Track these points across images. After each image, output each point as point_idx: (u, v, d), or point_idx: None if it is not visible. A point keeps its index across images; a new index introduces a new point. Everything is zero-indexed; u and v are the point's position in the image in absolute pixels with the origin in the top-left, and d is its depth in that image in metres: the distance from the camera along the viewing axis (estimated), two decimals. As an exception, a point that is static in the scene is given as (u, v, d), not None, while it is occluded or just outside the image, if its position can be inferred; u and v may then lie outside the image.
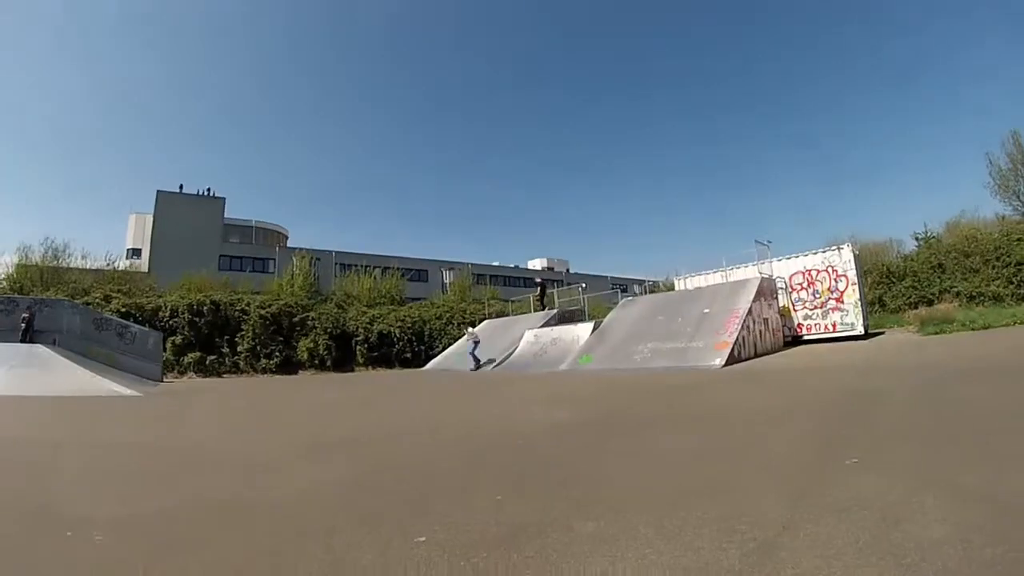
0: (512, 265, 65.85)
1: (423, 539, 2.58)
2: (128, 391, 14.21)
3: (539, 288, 27.22)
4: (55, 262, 30.13)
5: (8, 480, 4.23)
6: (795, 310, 18.16)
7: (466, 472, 4.25)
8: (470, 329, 22.39)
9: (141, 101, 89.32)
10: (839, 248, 17.68)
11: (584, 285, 28.02)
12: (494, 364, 20.06)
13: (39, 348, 16.92)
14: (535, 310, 26.10)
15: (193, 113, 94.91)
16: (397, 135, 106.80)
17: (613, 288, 35.39)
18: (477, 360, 20.17)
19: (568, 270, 66.31)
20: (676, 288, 22.44)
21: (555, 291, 27.56)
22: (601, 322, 19.44)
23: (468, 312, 31.84)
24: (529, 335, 21.37)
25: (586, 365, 16.27)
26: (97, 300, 25.41)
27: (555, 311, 23.81)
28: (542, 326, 21.79)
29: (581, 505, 3.06)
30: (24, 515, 3.17)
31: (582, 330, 19.43)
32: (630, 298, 22.02)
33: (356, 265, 42.15)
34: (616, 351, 16.35)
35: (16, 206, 75.17)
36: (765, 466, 3.74)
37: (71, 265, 30.83)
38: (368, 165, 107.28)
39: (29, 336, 18.38)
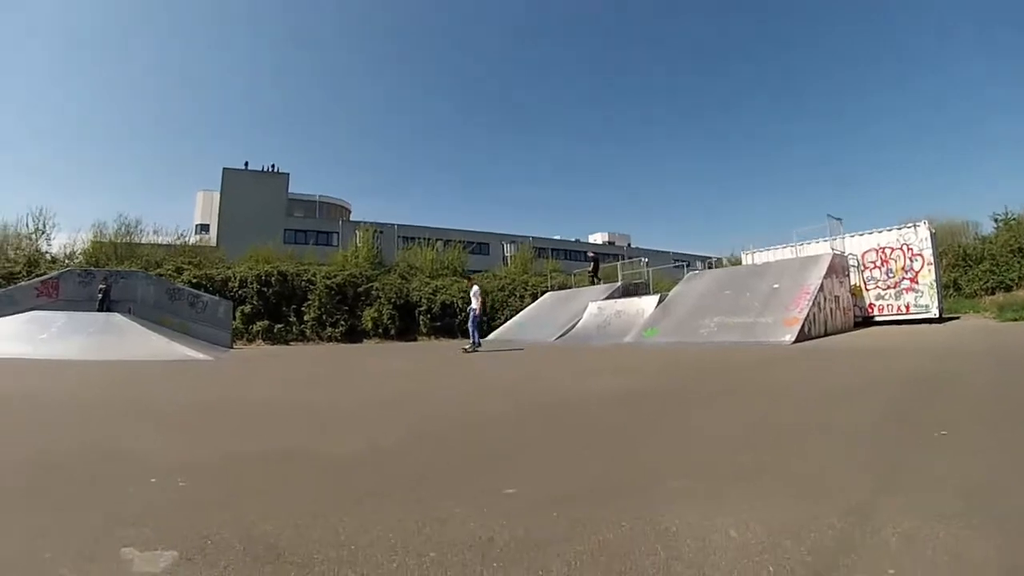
0: (573, 239, 65.03)
1: (513, 491, 2.56)
2: (201, 355, 14.35)
3: (592, 263, 27.11)
4: (128, 238, 31.46)
5: (92, 434, 4.29)
6: (867, 289, 17.37)
7: (543, 433, 4.18)
8: (475, 289, 15.38)
9: (204, 83, 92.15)
10: (915, 225, 16.74)
11: (646, 259, 27.68)
12: (556, 336, 19.74)
13: (116, 316, 17.37)
14: (589, 284, 26.04)
15: (257, 94, 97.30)
16: (456, 114, 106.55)
17: (675, 264, 34.55)
18: (475, 333, 14.99)
19: (629, 244, 65.20)
20: (743, 263, 21.84)
21: (619, 264, 27.20)
22: (666, 295, 19.13)
23: (530, 284, 32.09)
24: (593, 307, 21.24)
25: (651, 338, 15.99)
26: (169, 272, 26.29)
27: (619, 284, 23.63)
28: (606, 299, 21.61)
29: (661, 467, 3.01)
30: (112, 464, 3.26)
31: (647, 303, 19.19)
32: (696, 272, 21.56)
33: (418, 238, 42.95)
34: (682, 325, 16.03)
35: (92, 188, 79.45)
36: (849, 437, 3.61)
37: (143, 240, 32.23)
38: (430, 143, 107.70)
39: (106, 306, 19.02)
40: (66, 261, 27.83)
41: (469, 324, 15.01)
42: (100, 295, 19.37)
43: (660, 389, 6.55)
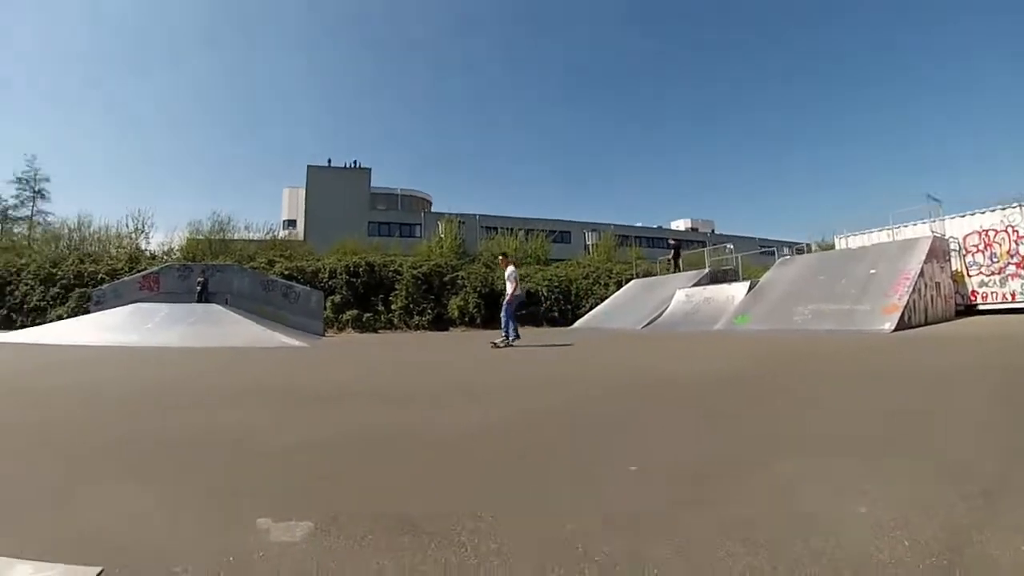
0: (655, 226, 63.14)
1: (635, 468, 2.52)
2: (297, 342, 14.31)
3: (673, 250, 27.02)
4: (222, 234, 33.92)
5: (208, 415, 4.33)
6: (969, 275, 16.46)
7: (648, 413, 4.09)
8: (511, 270, 12.21)
9: (286, 85, 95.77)
10: (1020, 205, 15.58)
11: (731, 246, 27.42)
12: (643, 324, 19.49)
13: (214, 307, 18.00)
14: (670, 272, 26.11)
15: (337, 94, 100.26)
16: (535, 104, 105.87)
17: (761, 250, 33.22)
18: (509, 324, 11.66)
19: (713, 231, 62.88)
20: (836, 247, 21.31)
21: (706, 251, 26.94)
22: (757, 282, 18.68)
23: (614, 272, 31.58)
24: (680, 294, 21.03)
25: (742, 325, 15.62)
26: (262, 265, 27.45)
27: (707, 270, 23.14)
28: (693, 285, 21.40)
29: (776, 446, 2.90)
30: (229, 442, 3.28)
31: (736, 290, 18.80)
32: (787, 257, 20.88)
33: (499, 228, 43.64)
34: (775, 312, 15.60)
35: (187, 189, 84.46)
36: (965, 422, 3.42)
37: (235, 236, 34.49)
38: (509, 134, 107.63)
39: (204, 297, 19.92)
40: (164, 257, 29.85)
41: (503, 313, 11.93)
42: (199, 287, 20.38)
43: (761, 373, 6.38)
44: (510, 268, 12.27)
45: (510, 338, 11.33)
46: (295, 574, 1.54)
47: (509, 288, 11.96)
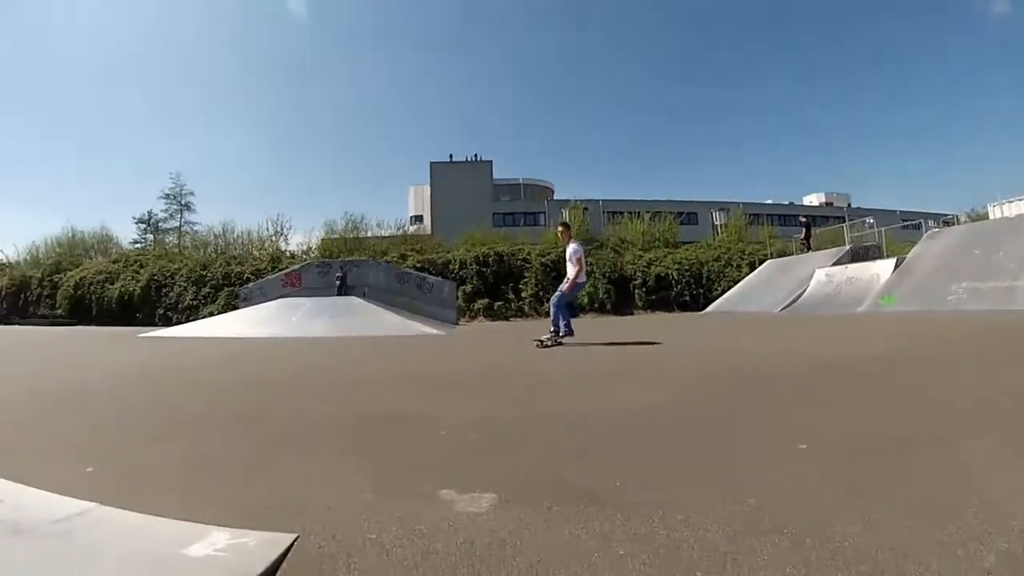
0: (786, 202, 58.48)
1: (804, 446, 2.43)
2: (434, 331, 14.64)
3: (804, 229, 25.64)
4: (355, 232, 36.09)
5: (370, 397, 4.43)
6: None
7: (805, 395, 3.88)
8: (574, 247, 8.75)
9: (408, 86, 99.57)
10: None
11: (871, 219, 24.94)
12: (781, 306, 18.81)
13: (353, 299, 18.86)
14: (799, 252, 25.14)
15: (456, 93, 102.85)
16: (655, 80, 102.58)
17: (903, 224, 29.55)
18: (560, 315, 8.56)
19: (849, 204, 56.95)
20: (991, 217, 20.16)
21: (844, 226, 25.78)
22: (903, 258, 17.20)
23: (747, 253, 30.43)
24: (820, 274, 19.79)
25: (890, 306, 14.77)
26: (395, 258, 28.91)
27: (847, 248, 21.78)
28: (833, 264, 20.13)
29: (953, 427, 2.69)
30: (397, 421, 3.34)
31: (881, 267, 17.47)
32: (936, 230, 19.24)
33: (623, 212, 42.62)
34: (925, 291, 14.54)
35: (321, 192, 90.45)
36: None
37: (368, 234, 36.65)
38: (629, 116, 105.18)
39: (343, 291, 21.02)
40: (303, 256, 32.51)
41: (552, 303, 8.73)
42: (338, 282, 21.58)
43: (923, 354, 6.02)
44: (573, 246, 8.75)
45: (560, 333, 8.39)
46: (490, 542, 1.54)
47: (571, 271, 8.66)
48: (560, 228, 9.45)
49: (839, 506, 1.72)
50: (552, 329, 8.43)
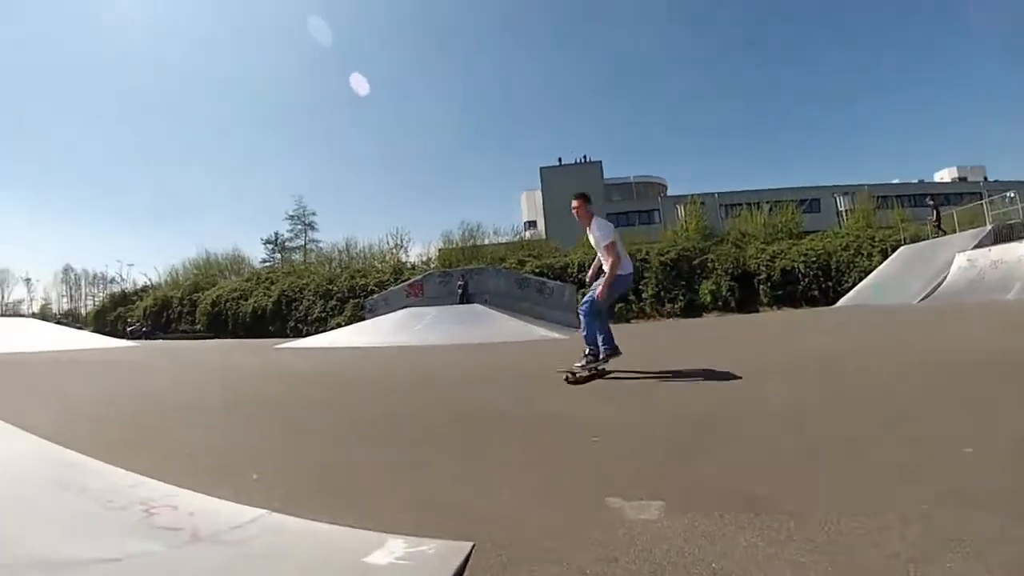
0: (915, 180, 52.72)
1: (970, 450, 2.30)
2: (557, 335, 14.72)
3: (934, 211, 23.95)
4: (472, 240, 37.57)
5: (512, 397, 4.61)
6: None
7: (971, 395, 3.54)
8: (605, 229, 5.36)
9: (515, 97, 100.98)
10: None
11: (1012, 194, 22.48)
12: (920, 296, 17.93)
13: (476, 306, 19.50)
14: (932, 236, 23.49)
15: (555, 94, 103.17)
16: (754, 71, 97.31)
17: None
18: (598, 328, 5.54)
19: (985, 178, 49.93)
20: None
21: (984, 203, 23.58)
22: None
23: (877, 239, 28.22)
24: (960, 259, 18.57)
25: None
26: (513, 265, 29.60)
27: (988, 228, 20.19)
28: (975, 247, 18.75)
29: None
30: (544, 424, 3.43)
31: None
32: None
33: (741, 204, 40.92)
34: None
35: (434, 204, 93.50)
36: None
37: (485, 242, 37.90)
38: (731, 104, 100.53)
39: (465, 299, 21.80)
40: (423, 266, 34.24)
41: (582, 312, 5.69)
42: (459, 290, 22.43)
43: None
44: (599, 225, 5.47)
45: (599, 356, 5.51)
46: (667, 550, 1.54)
47: (605, 263, 5.43)
48: (575, 202, 5.68)
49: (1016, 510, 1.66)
50: (588, 351, 5.58)
